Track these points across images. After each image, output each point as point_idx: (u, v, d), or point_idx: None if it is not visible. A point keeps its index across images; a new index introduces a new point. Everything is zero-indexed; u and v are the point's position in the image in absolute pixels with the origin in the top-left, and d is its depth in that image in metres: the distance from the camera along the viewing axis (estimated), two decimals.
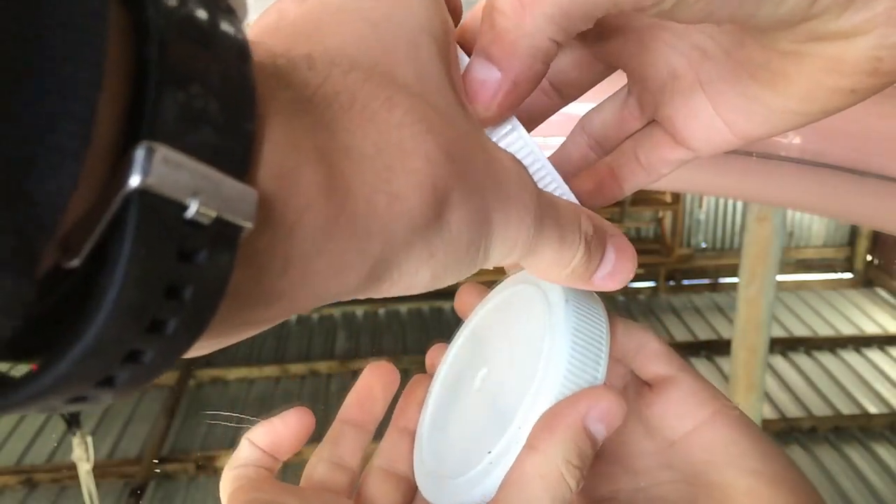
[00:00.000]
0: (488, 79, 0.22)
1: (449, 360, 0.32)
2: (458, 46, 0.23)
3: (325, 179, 0.16)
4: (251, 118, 0.15)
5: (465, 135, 0.20)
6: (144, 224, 0.12)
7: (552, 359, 0.26)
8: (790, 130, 0.25)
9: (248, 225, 0.14)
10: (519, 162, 0.22)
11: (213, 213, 0.13)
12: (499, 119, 0.23)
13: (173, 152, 0.13)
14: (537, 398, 0.25)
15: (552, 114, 0.29)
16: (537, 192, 0.22)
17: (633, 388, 0.31)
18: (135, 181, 0.12)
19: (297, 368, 3.55)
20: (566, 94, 0.29)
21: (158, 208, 0.13)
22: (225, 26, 0.15)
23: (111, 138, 0.13)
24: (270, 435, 0.30)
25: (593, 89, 0.29)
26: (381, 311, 4.07)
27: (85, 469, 2.26)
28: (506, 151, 0.22)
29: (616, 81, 0.30)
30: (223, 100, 0.14)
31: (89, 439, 2.25)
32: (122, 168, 0.13)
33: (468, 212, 0.19)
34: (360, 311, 4.05)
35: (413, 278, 0.19)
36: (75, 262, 0.13)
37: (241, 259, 0.14)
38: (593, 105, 0.30)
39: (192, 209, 0.13)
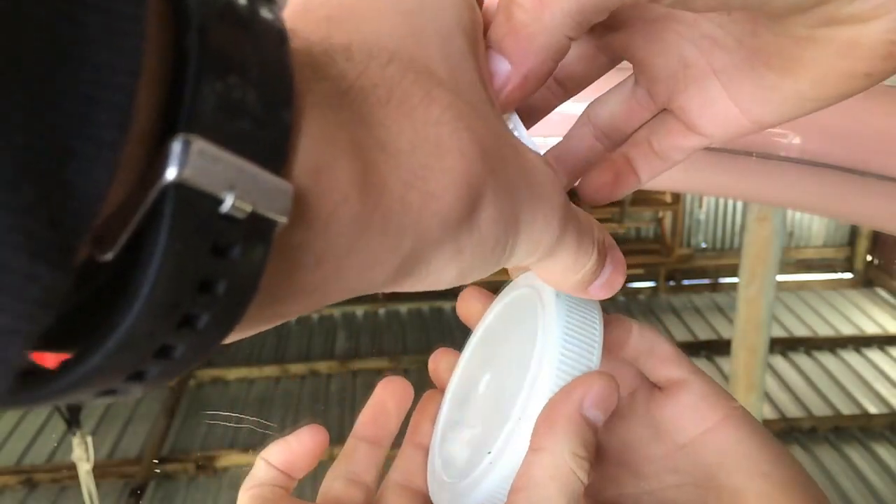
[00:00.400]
0: (498, 71, 0.21)
1: (459, 372, 0.32)
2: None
3: (360, 175, 0.16)
4: (289, 110, 0.14)
5: (498, 133, 0.20)
6: (180, 218, 0.12)
7: (546, 351, 0.26)
8: (806, 115, 0.25)
9: (283, 220, 0.14)
10: (548, 163, 0.22)
11: (249, 208, 0.13)
12: (501, 113, 0.23)
13: (210, 145, 0.13)
14: (533, 390, 0.25)
15: (554, 108, 0.29)
16: (565, 196, 0.22)
17: (643, 391, 0.31)
18: (171, 174, 0.12)
19: (297, 368, 3.55)
20: (569, 88, 0.29)
21: (194, 202, 0.12)
22: (264, 13, 0.14)
23: (148, 127, 0.13)
24: (285, 453, 0.29)
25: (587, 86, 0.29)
26: (381, 311, 4.07)
27: (85, 469, 2.26)
28: (535, 152, 0.22)
29: (610, 78, 0.29)
30: (261, 91, 0.14)
31: (89, 439, 2.25)
32: (158, 160, 0.12)
33: (498, 211, 0.19)
34: (360, 311, 4.05)
35: (439, 275, 0.19)
36: (109, 255, 0.12)
37: (275, 253, 0.14)
38: (587, 103, 0.30)
39: (228, 203, 0.13)
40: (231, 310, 0.14)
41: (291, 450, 0.29)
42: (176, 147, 0.12)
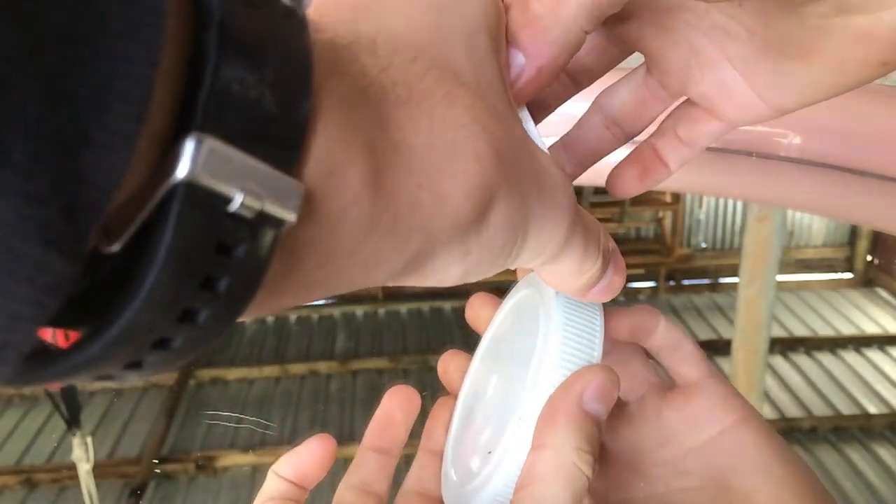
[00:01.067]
0: (512, 64, 0.21)
1: (469, 376, 0.33)
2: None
3: (372, 176, 0.16)
4: (305, 112, 0.14)
5: (516, 136, 0.20)
6: (186, 217, 0.12)
7: (546, 349, 0.26)
8: (824, 100, 0.25)
9: (292, 219, 0.14)
10: (560, 167, 0.22)
11: (258, 207, 0.13)
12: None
13: (223, 145, 0.13)
14: (535, 388, 0.25)
15: (564, 101, 0.29)
16: (575, 200, 0.22)
17: (652, 396, 0.31)
18: (181, 172, 0.12)
19: (297, 368, 3.54)
20: (580, 80, 0.29)
21: (202, 201, 0.13)
22: (288, 2, 0.14)
23: (163, 122, 0.13)
24: (296, 464, 0.29)
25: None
26: (381, 311, 4.07)
27: (85, 469, 2.26)
28: (548, 155, 0.22)
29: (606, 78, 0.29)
30: (279, 91, 0.14)
31: (89, 439, 2.25)
32: (170, 156, 0.12)
33: (508, 214, 0.19)
34: (360, 311, 4.05)
35: (444, 274, 0.19)
36: (115, 247, 0.13)
37: (281, 250, 0.14)
38: (587, 104, 0.30)
39: (237, 203, 0.13)
40: (232, 306, 0.14)
41: (302, 460, 0.29)
42: (189, 145, 0.12)
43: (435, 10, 0.19)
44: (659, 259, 4.28)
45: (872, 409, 3.22)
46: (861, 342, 3.68)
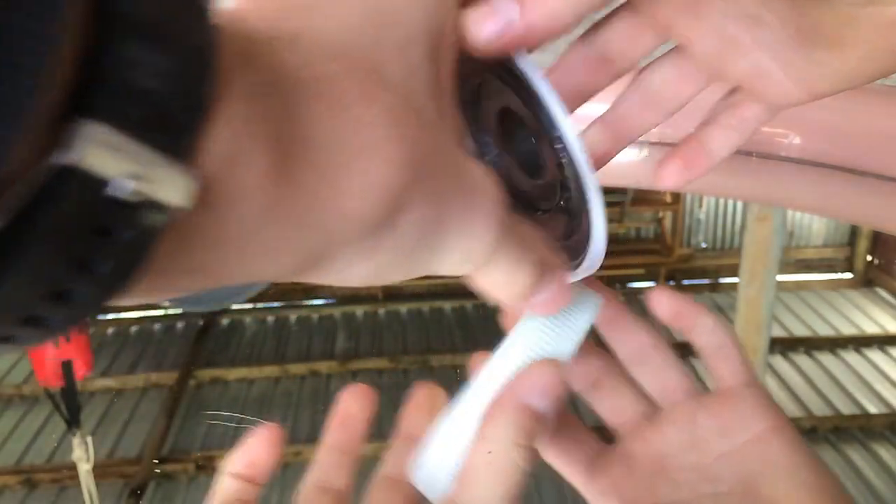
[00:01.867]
0: (499, 11, 0.22)
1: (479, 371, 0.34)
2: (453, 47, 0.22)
3: (273, 168, 0.16)
4: (205, 100, 0.14)
5: (440, 144, 0.20)
6: (64, 200, 0.12)
7: (515, 339, 0.27)
8: (857, 86, 0.26)
9: (180, 205, 0.14)
10: (492, 179, 0.22)
11: (145, 193, 0.13)
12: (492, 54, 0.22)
13: (112, 132, 0.13)
14: (492, 377, 0.27)
15: (603, 89, 0.29)
16: (504, 211, 0.22)
17: (687, 399, 0.32)
18: (65, 157, 0.12)
19: (297, 368, 3.55)
20: (619, 66, 0.29)
21: (85, 185, 0.12)
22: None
23: (58, 102, 0.12)
24: (246, 459, 0.30)
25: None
26: (381, 311, 4.07)
27: (85, 469, 2.26)
28: (482, 167, 0.21)
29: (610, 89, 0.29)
30: (179, 79, 0.14)
31: (89, 439, 2.25)
32: (58, 139, 0.12)
33: (419, 218, 0.19)
34: (360, 311, 4.05)
35: (346, 273, 0.19)
36: None
37: (168, 234, 0.14)
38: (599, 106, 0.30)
39: (122, 188, 0.13)
40: (109, 288, 0.14)
41: (252, 453, 0.30)
42: (76, 129, 0.12)
43: (369, 14, 0.19)
44: (659, 259, 4.28)
45: (872, 409, 3.22)
46: (861, 342, 3.69)
